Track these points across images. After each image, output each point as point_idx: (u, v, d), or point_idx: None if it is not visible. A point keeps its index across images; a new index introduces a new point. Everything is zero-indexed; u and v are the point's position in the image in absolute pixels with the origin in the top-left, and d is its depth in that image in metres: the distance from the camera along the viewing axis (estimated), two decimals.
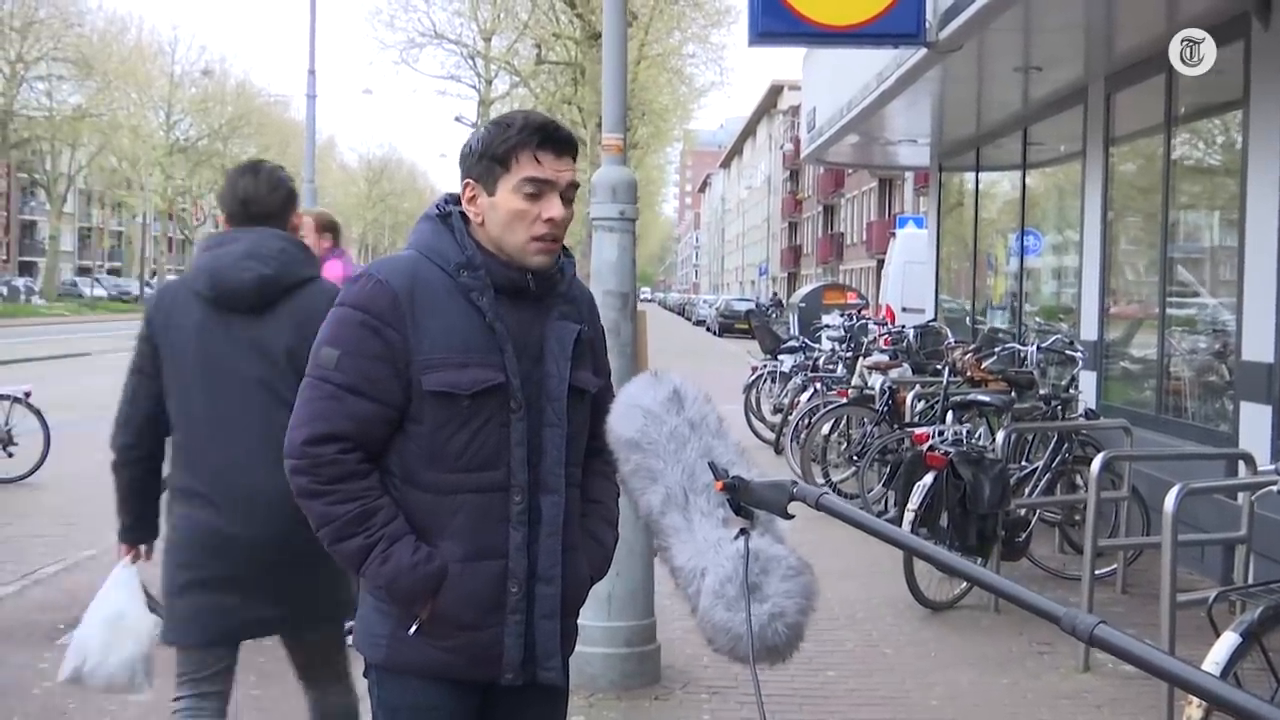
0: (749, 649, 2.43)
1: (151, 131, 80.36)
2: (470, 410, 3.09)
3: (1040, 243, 16.20)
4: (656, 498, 2.59)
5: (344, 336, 3.10)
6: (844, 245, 73.93)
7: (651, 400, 2.64)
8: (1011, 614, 8.56)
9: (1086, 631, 1.89)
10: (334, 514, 3.06)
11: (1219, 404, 10.59)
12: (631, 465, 2.63)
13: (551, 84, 48.36)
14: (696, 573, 2.51)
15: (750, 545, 2.47)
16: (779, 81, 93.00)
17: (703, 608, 2.50)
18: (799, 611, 2.50)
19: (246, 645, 8.03)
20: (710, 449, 2.61)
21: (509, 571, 3.13)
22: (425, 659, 3.14)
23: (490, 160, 3.14)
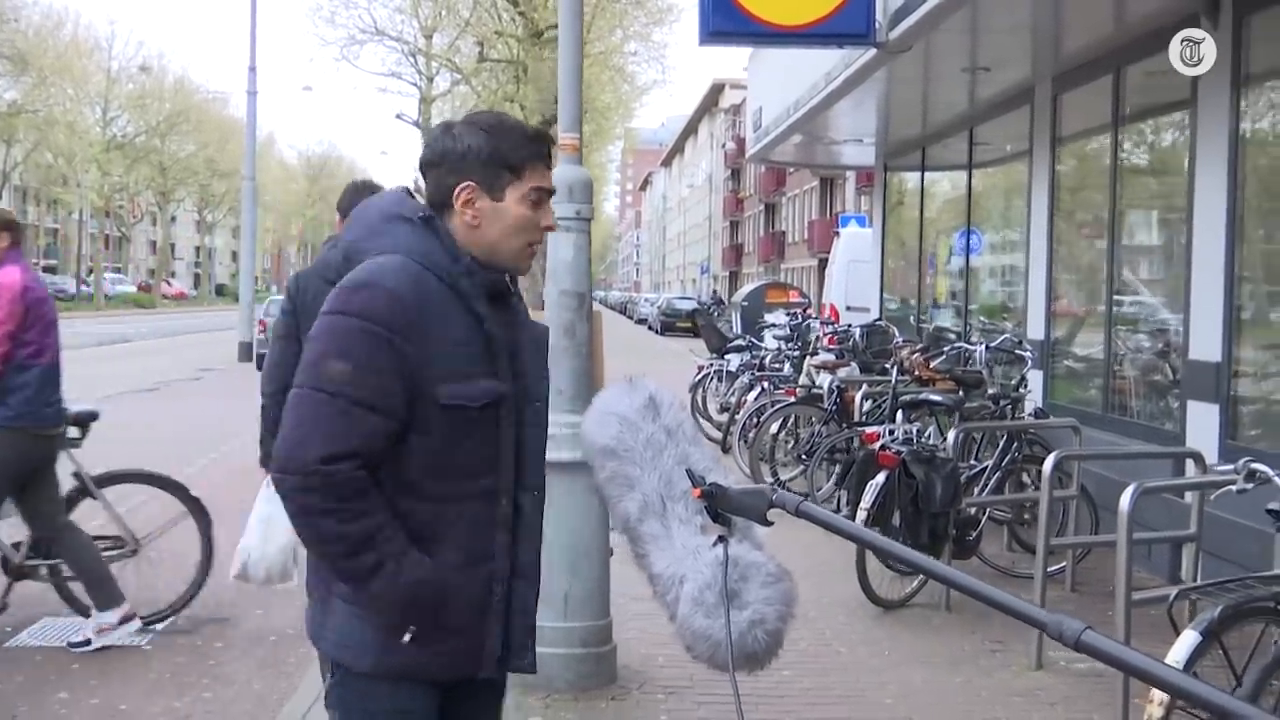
0: (728, 656, 2.42)
1: (88, 128, 79.49)
2: (478, 420, 3.05)
3: (984, 242, 16.30)
4: (634, 505, 2.59)
5: (354, 349, 2.96)
6: (785, 244, 74.15)
7: (627, 407, 2.63)
8: (963, 612, 8.60)
9: (1074, 637, 1.89)
10: (347, 532, 2.94)
11: (1165, 403, 10.68)
12: (608, 472, 2.62)
13: (493, 82, 48.16)
14: (675, 580, 2.51)
15: (729, 552, 2.47)
16: (720, 80, 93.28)
17: (681, 615, 2.49)
18: (779, 618, 2.50)
19: (197, 649, 7.99)
20: (687, 456, 2.61)
21: (494, 574, 3.12)
22: (415, 664, 3.08)
23: (501, 166, 3.10)
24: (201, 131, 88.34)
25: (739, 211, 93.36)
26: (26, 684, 7.21)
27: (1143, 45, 10.63)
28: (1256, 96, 9.29)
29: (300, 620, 8.43)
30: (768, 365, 16.65)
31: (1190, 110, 9.88)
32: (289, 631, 8.38)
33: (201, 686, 7.25)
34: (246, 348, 34.84)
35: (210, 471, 15.18)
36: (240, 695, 7.13)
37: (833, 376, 13.38)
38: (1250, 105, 9.26)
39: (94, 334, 48.69)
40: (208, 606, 8.94)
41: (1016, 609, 2.03)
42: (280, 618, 8.70)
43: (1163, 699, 4.60)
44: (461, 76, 50.28)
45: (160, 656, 7.78)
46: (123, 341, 45.43)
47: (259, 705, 6.94)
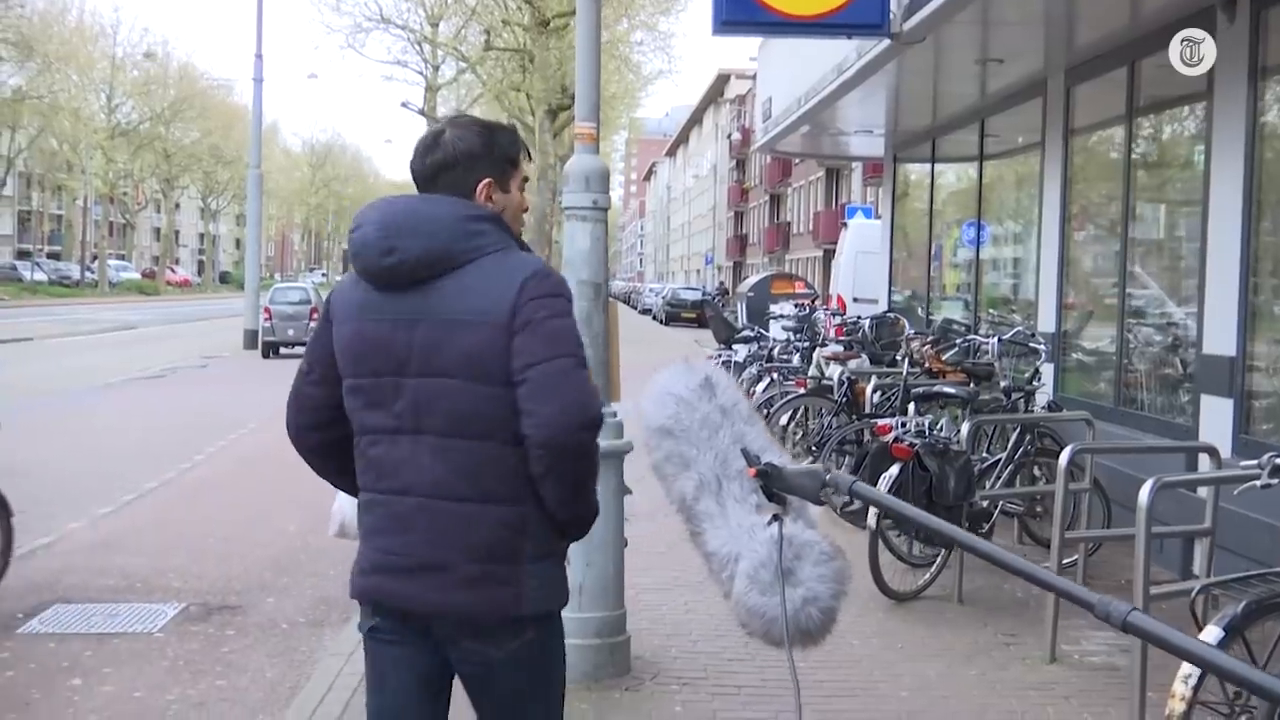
0: (784, 633, 2.44)
1: (93, 114, 79.48)
2: None
3: (994, 235, 16.26)
4: (690, 484, 2.67)
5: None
6: (790, 235, 74.04)
7: (684, 387, 2.70)
8: (976, 604, 8.59)
9: (1120, 618, 1.90)
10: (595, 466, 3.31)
11: (1178, 397, 10.65)
12: (664, 452, 2.69)
13: (499, 70, 48.02)
14: (730, 558, 2.60)
15: (784, 531, 2.49)
16: (726, 70, 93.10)
17: (736, 592, 2.57)
18: (832, 596, 2.57)
19: (210, 637, 7.99)
20: (742, 435, 2.67)
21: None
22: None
23: (506, 161, 3.50)
24: (206, 118, 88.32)
25: (744, 202, 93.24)
26: (38, 671, 7.21)
27: (1158, 38, 10.55)
28: (1274, 89, 9.24)
29: (312, 609, 8.45)
30: (776, 356, 16.62)
31: (1206, 103, 9.84)
32: (300, 620, 8.39)
33: (215, 674, 7.24)
34: (252, 335, 34.84)
35: (218, 459, 15.21)
36: (253, 683, 7.13)
37: (843, 368, 13.34)
38: (1267, 98, 9.22)
39: (99, 321, 48.75)
40: (220, 595, 8.95)
41: (1066, 590, 2.04)
42: (293, 606, 8.70)
43: (1185, 694, 4.58)
44: (467, 65, 50.14)
45: (173, 644, 7.77)
46: (128, 329, 45.47)
47: (272, 693, 6.94)
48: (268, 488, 13.30)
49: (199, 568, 9.68)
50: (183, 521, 11.44)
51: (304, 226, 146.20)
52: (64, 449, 15.60)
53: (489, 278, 3.28)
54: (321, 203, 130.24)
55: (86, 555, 10.02)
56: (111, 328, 45.11)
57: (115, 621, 8.21)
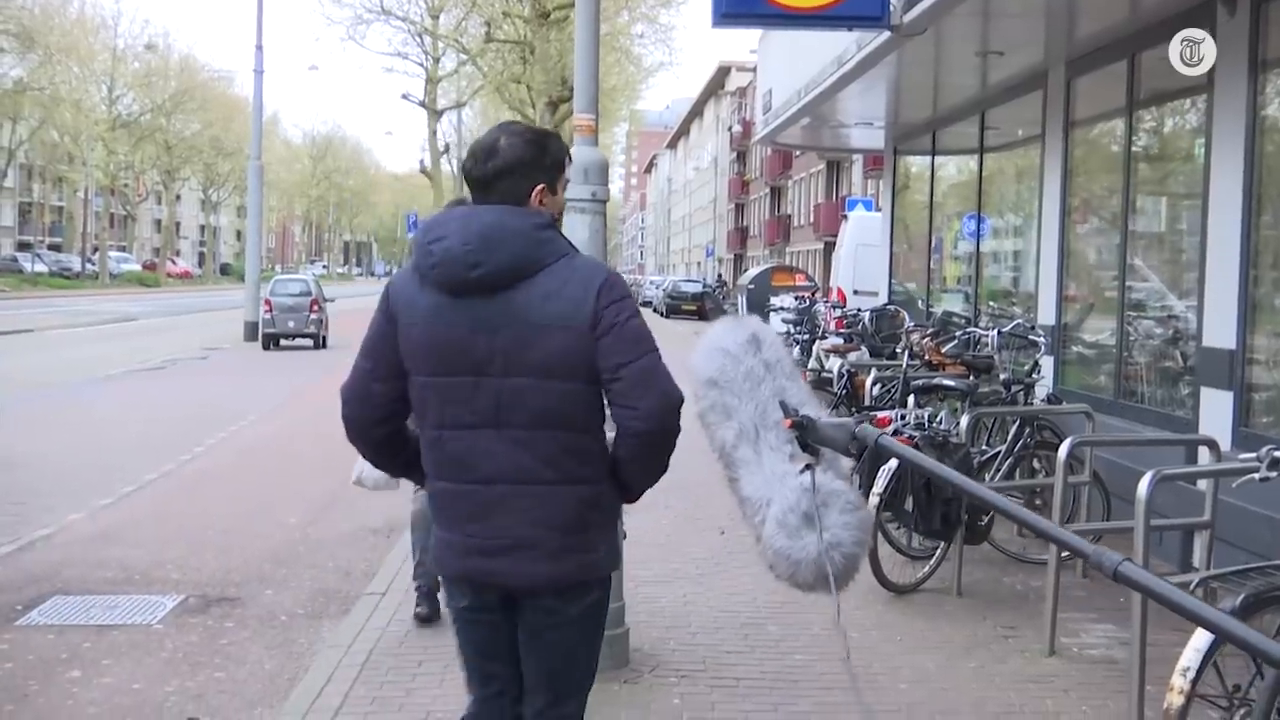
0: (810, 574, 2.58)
1: (94, 106, 79.41)
2: None
3: (994, 227, 16.25)
4: (730, 433, 2.89)
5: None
6: (791, 227, 74.02)
7: (732, 342, 2.93)
8: (974, 598, 8.58)
9: (1111, 568, 1.95)
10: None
11: (1177, 389, 10.65)
12: (709, 401, 2.95)
13: (500, 62, 48.00)
14: (763, 502, 2.84)
15: (814, 479, 2.62)
16: (727, 63, 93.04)
17: (766, 535, 2.77)
18: (855, 543, 2.76)
19: (209, 628, 7.99)
20: (783, 389, 2.92)
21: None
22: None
23: (555, 168, 3.80)
24: (207, 110, 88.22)
25: (744, 194, 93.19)
26: (37, 663, 7.21)
27: (1159, 31, 10.55)
28: (1274, 82, 9.22)
29: (311, 601, 8.45)
30: None
31: (1206, 96, 9.83)
32: (299, 612, 8.39)
33: (213, 666, 7.24)
34: (252, 327, 34.83)
35: (218, 451, 15.20)
36: (252, 675, 7.13)
37: (843, 360, 13.35)
38: (1267, 91, 9.21)
39: (99, 312, 48.77)
40: (219, 587, 8.95)
41: (1063, 539, 2.09)
42: (291, 598, 8.70)
43: (1183, 687, 4.58)
44: (468, 57, 50.14)
45: (172, 636, 7.77)
46: (128, 320, 45.47)
47: (270, 685, 6.94)
48: (267, 480, 13.32)
49: (198, 560, 9.68)
50: (182, 513, 11.44)
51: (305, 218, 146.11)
52: (64, 440, 15.60)
53: (565, 284, 3.60)
54: (322, 195, 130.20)
55: (86, 547, 10.02)
56: (112, 319, 45.12)
57: (114, 613, 8.21)
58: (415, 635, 7.33)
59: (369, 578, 8.89)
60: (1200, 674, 4.59)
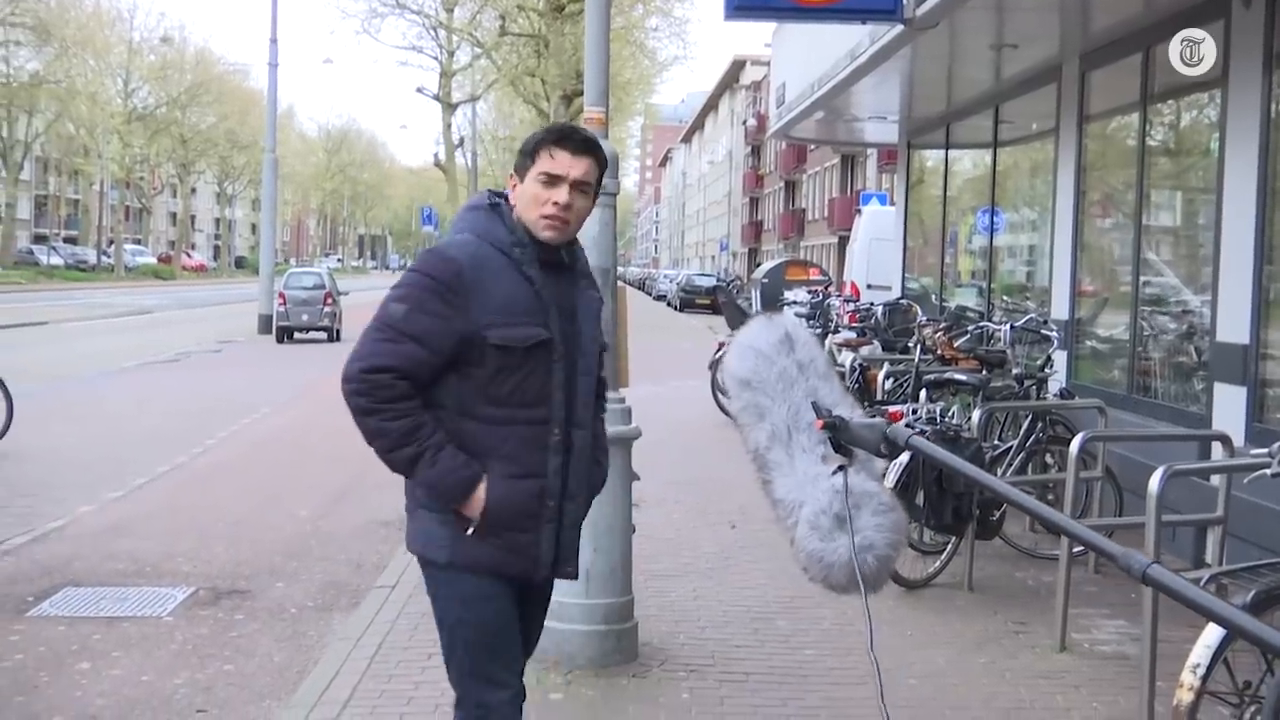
0: (844, 576, 2.58)
1: (109, 99, 79.63)
2: (523, 359, 3.82)
3: (1007, 221, 16.20)
4: (763, 434, 2.81)
5: (414, 296, 3.82)
6: (805, 221, 73.94)
7: (765, 342, 2.92)
8: (985, 593, 8.56)
9: (1140, 570, 1.92)
10: (388, 428, 3.78)
11: (1191, 385, 10.60)
12: (742, 402, 2.88)
13: (514, 56, 48.04)
14: (795, 505, 2.75)
15: (847, 481, 2.59)
16: (742, 56, 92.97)
17: (798, 537, 2.76)
18: (888, 545, 2.76)
19: (219, 621, 8.00)
20: (815, 390, 2.83)
21: (546, 489, 3.91)
22: (481, 554, 3.89)
23: (523, 155, 3.95)
24: (222, 103, 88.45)
25: (759, 188, 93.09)
26: (48, 654, 7.22)
27: (1174, 23, 10.49)
28: None
29: (321, 593, 8.49)
30: None
31: (1221, 90, 9.77)
32: (309, 604, 8.40)
33: (223, 658, 7.25)
34: (266, 320, 34.90)
35: (230, 444, 15.22)
36: (262, 667, 7.13)
37: (855, 354, 13.32)
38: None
39: (115, 305, 48.89)
40: (230, 579, 8.96)
41: (1088, 539, 2.06)
42: (301, 591, 8.71)
43: (1193, 684, 4.56)
44: (482, 50, 50.20)
45: (182, 628, 7.78)
46: (143, 313, 45.57)
47: (280, 677, 6.94)
48: (280, 472, 13.33)
49: (209, 552, 9.69)
50: (193, 506, 11.45)
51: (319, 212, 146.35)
52: (76, 433, 15.63)
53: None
54: (337, 188, 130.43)
55: (97, 539, 10.03)
56: (126, 312, 45.22)
57: (124, 605, 8.22)
58: (424, 629, 7.31)
59: (379, 570, 8.89)
60: (1211, 670, 4.57)
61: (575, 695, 6.30)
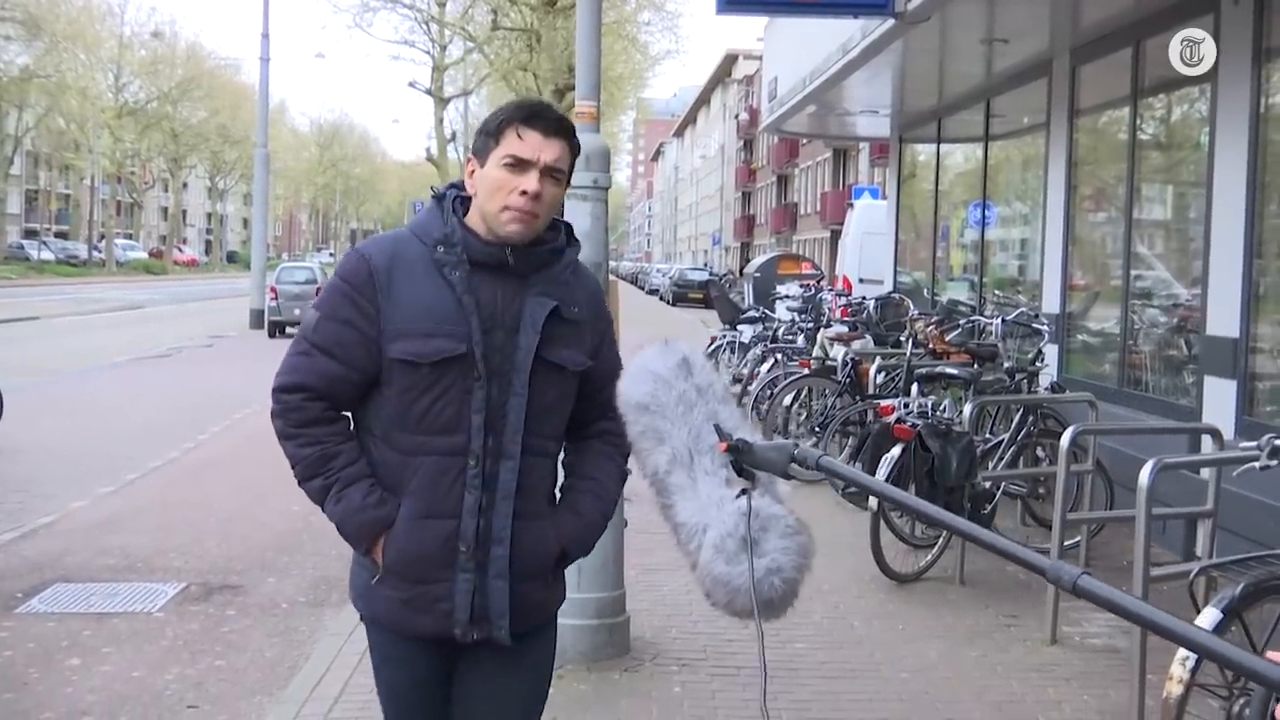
0: (749, 601, 2.50)
1: (100, 93, 79.42)
2: (431, 377, 3.23)
3: (999, 215, 16.21)
4: (663, 458, 2.67)
5: (325, 302, 3.33)
6: (798, 215, 73.92)
7: (662, 366, 2.73)
8: (977, 587, 8.57)
9: (1070, 582, 1.89)
10: (301, 455, 3.31)
11: (1181, 378, 10.62)
12: (640, 427, 2.72)
13: (506, 50, 47.93)
14: (698, 528, 2.59)
15: (751, 504, 2.53)
16: (734, 51, 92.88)
17: (702, 561, 2.58)
18: (795, 568, 2.60)
19: (210, 616, 7.98)
20: (715, 413, 2.69)
21: (460, 531, 3.26)
22: (385, 608, 3.34)
23: (485, 135, 3.31)
24: (213, 98, 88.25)
25: (751, 183, 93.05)
26: (38, 651, 7.21)
27: (1164, 19, 10.54)
28: (1279, 71, 9.19)
29: (312, 589, 8.47)
30: (781, 337, 16.60)
31: (1211, 85, 9.79)
32: (300, 600, 8.39)
33: (214, 654, 7.24)
34: (258, 315, 34.87)
35: (222, 439, 15.20)
36: (253, 663, 7.13)
37: (847, 349, 13.32)
38: (1273, 80, 9.18)
39: (106, 300, 48.81)
40: (221, 575, 8.95)
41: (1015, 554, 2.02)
42: (293, 586, 8.71)
43: (1182, 676, 4.57)
44: (475, 45, 50.08)
45: (173, 624, 7.77)
46: (134, 308, 45.49)
47: (271, 673, 6.94)
48: (271, 468, 13.21)
49: (200, 547, 9.68)
50: (185, 501, 11.44)
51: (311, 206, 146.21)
52: (67, 428, 15.60)
53: None
54: (329, 183, 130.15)
55: (88, 534, 10.02)
56: (118, 307, 45.15)
57: (115, 601, 8.21)
58: None
59: None
60: (1200, 663, 4.58)
61: (567, 689, 6.30)
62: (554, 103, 28.92)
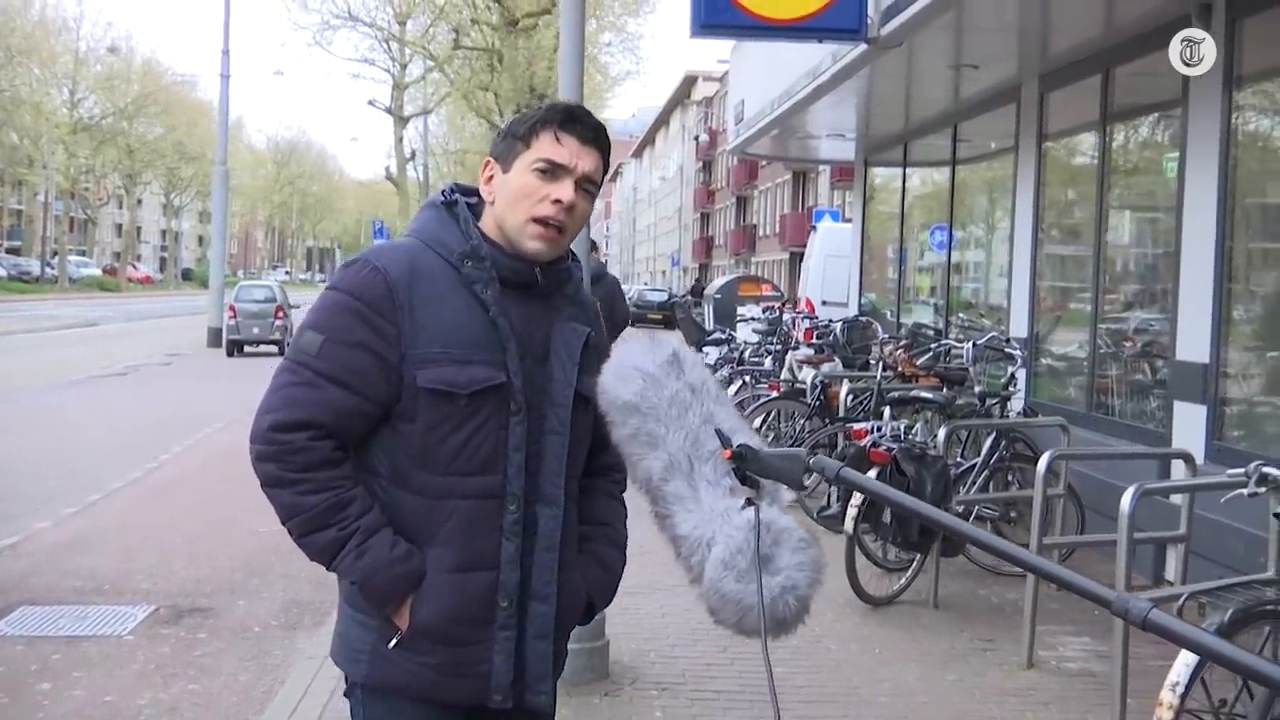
0: (760, 621, 2.36)
1: (55, 109, 78.91)
2: (467, 410, 2.86)
3: (966, 239, 16.27)
4: (658, 464, 2.50)
5: (331, 322, 2.88)
6: (757, 237, 74.11)
7: (650, 363, 2.54)
8: (951, 610, 8.58)
9: (1140, 617, 1.84)
10: (305, 504, 2.83)
11: (1150, 403, 10.67)
12: (629, 430, 2.53)
13: (467, 69, 47.90)
14: (702, 542, 2.44)
15: (761, 516, 2.41)
16: (694, 72, 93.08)
17: (710, 578, 2.42)
18: (809, 584, 2.45)
19: (181, 640, 7.89)
20: (712, 415, 2.51)
21: (499, 585, 2.91)
22: (408, 676, 2.91)
23: (513, 138, 2.97)
24: (170, 114, 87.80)
25: (710, 204, 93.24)
26: (7, 675, 7.12)
27: (1134, 46, 10.61)
28: (1249, 97, 9.27)
29: (284, 612, 8.38)
30: (747, 359, 16.59)
31: (1181, 110, 9.86)
32: (273, 623, 8.33)
33: (187, 678, 7.16)
34: (216, 333, 34.67)
35: (185, 458, 15.09)
36: (227, 687, 7.05)
37: (816, 371, 13.33)
38: (1242, 106, 9.25)
39: (60, 317, 48.42)
40: (190, 597, 8.86)
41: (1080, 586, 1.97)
42: (264, 609, 8.63)
43: (1172, 702, 4.57)
44: (435, 64, 50.05)
45: (144, 647, 7.69)
46: (90, 325, 45.14)
47: (246, 697, 6.87)
48: (236, 487, 13.15)
49: (168, 569, 9.59)
50: (150, 522, 11.34)
51: (268, 224, 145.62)
52: (27, 448, 15.45)
53: None
54: (286, 200, 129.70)
55: (53, 556, 9.91)
56: (72, 324, 44.80)
57: (84, 624, 8.12)
58: None
59: None
60: (1189, 689, 4.58)
61: None
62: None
